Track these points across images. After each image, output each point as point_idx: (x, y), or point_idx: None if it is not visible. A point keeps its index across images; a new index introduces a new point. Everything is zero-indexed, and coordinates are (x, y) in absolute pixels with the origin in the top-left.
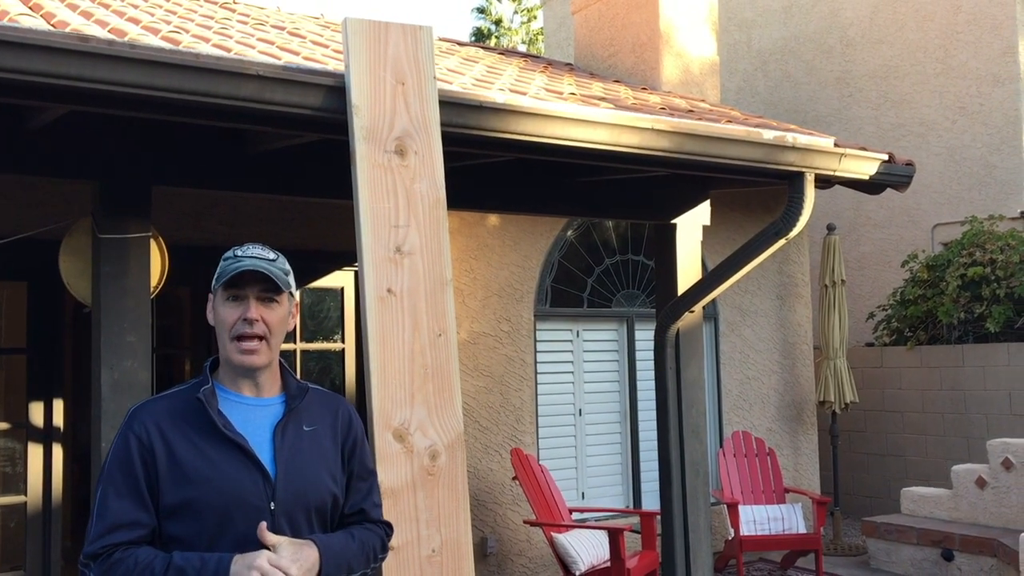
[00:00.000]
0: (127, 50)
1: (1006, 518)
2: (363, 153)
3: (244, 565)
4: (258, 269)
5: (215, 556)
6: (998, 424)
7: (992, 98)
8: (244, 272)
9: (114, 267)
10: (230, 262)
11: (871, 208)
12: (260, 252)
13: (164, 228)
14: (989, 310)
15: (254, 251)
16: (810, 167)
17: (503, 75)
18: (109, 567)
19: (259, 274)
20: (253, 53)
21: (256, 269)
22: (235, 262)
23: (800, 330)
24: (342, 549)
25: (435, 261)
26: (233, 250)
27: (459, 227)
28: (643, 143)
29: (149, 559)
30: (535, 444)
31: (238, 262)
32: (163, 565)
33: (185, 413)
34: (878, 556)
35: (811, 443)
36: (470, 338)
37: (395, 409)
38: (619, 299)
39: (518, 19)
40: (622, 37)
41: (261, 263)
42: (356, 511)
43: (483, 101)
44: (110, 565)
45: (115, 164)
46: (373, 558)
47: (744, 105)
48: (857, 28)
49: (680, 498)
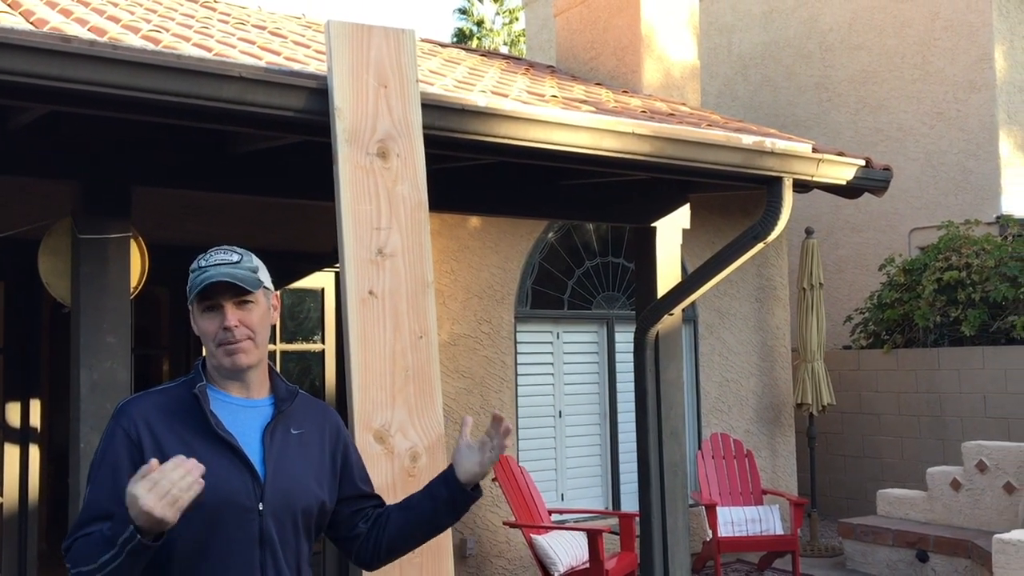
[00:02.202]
0: (109, 50)
1: (980, 520)
2: (345, 155)
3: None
4: (223, 279)
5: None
6: (973, 427)
7: (969, 104)
8: (212, 283)
9: (94, 267)
10: (196, 274)
11: (849, 212)
12: (223, 258)
13: (144, 228)
14: (964, 314)
15: (217, 257)
16: (789, 172)
17: (485, 77)
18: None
19: (226, 283)
20: (234, 53)
21: (221, 280)
22: (200, 274)
23: (778, 333)
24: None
25: (417, 263)
26: (198, 261)
27: (440, 229)
28: (624, 147)
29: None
30: (515, 446)
31: (203, 273)
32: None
33: (176, 410)
34: (854, 557)
35: (788, 445)
36: (450, 340)
37: (376, 411)
38: (599, 301)
39: (500, 20)
40: (604, 40)
41: (225, 270)
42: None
43: (465, 104)
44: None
45: (96, 164)
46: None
47: (724, 109)
48: (836, 34)
49: (659, 500)
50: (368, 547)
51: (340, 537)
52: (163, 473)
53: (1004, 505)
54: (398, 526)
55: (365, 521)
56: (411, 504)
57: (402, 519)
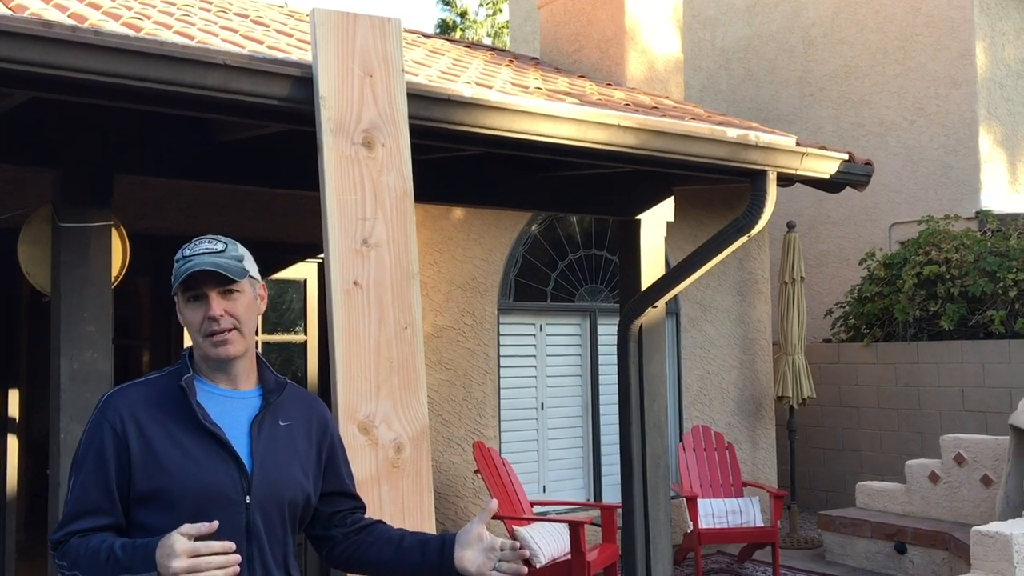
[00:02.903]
0: (91, 36)
1: (958, 512)
2: (330, 145)
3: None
4: (208, 268)
5: (143, 543)
6: (951, 420)
7: (950, 100)
8: (196, 273)
9: (74, 256)
10: (180, 264)
11: (831, 206)
12: (208, 247)
13: (125, 218)
14: (944, 308)
15: (201, 246)
16: (772, 165)
17: (469, 68)
18: (65, 553)
19: (211, 272)
20: (216, 41)
21: (206, 269)
22: (185, 263)
23: (760, 326)
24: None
25: (402, 254)
26: (182, 250)
27: (424, 220)
28: (609, 139)
29: (96, 545)
30: (497, 438)
31: (188, 263)
32: (106, 553)
33: (162, 401)
34: (833, 549)
35: (769, 438)
36: (433, 331)
37: (360, 402)
38: (582, 294)
39: (483, 11)
40: (587, 32)
41: (210, 259)
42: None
43: (451, 95)
44: (66, 552)
45: (77, 152)
46: None
47: (707, 103)
48: (819, 28)
49: (641, 492)
50: (340, 554)
51: (313, 534)
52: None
53: (981, 497)
54: (379, 556)
55: (341, 526)
56: (400, 544)
57: (386, 553)
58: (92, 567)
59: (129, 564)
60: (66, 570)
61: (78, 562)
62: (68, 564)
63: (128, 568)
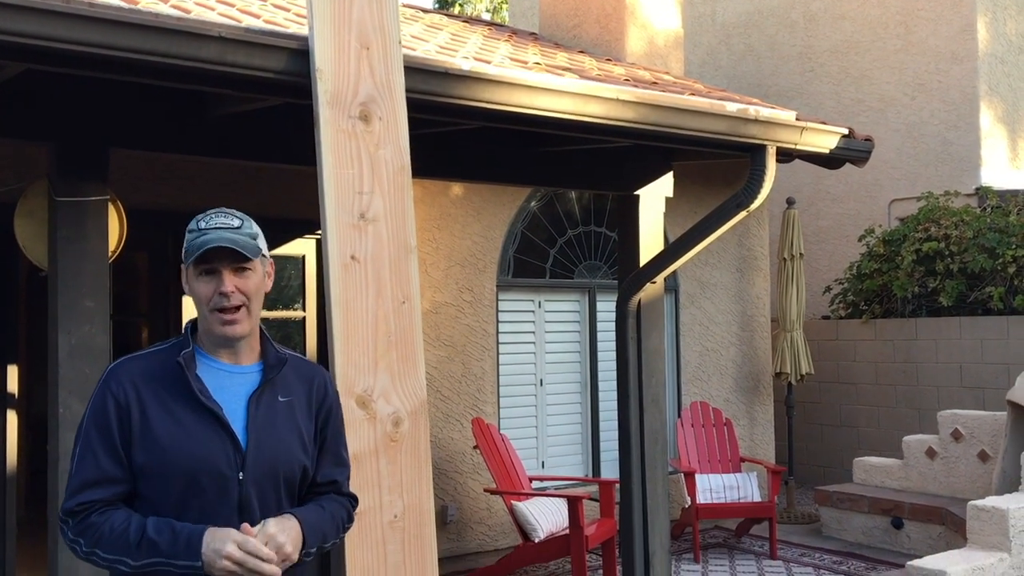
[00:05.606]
0: (85, 8)
1: (954, 487)
2: (327, 118)
3: (214, 551)
4: (224, 244)
5: (186, 531)
6: (949, 396)
7: (950, 75)
8: (211, 248)
9: (71, 231)
10: (195, 235)
11: (830, 183)
12: (224, 221)
13: (121, 193)
14: (942, 284)
15: (217, 220)
16: (772, 140)
17: (467, 43)
18: (83, 529)
19: (227, 248)
20: (213, 15)
21: (223, 245)
22: (200, 236)
23: (758, 302)
24: (318, 520)
25: (399, 228)
26: (196, 221)
27: (422, 196)
28: (608, 113)
29: (123, 526)
30: (496, 414)
31: (203, 236)
32: (137, 535)
33: (162, 376)
34: (830, 524)
35: (767, 414)
36: (432, 308)
37: (358, 376)
38: (581, 270)
39: None
40: (587, 7)
41: (227, 235)
42: (328, 481)
43: (449, 68)
44: (85, 527)
45: (72, 125)
46: (342, 528)
47: (707, 78)
48: (820, 3)
49: (639, 467)
50: None
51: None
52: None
53: (978, 473)
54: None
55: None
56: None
57: None
58: (119, 547)
59: (170, 551)
60: (83, 547)
61: (100, 541)
62: (87, 542)
63: (169, 554)
